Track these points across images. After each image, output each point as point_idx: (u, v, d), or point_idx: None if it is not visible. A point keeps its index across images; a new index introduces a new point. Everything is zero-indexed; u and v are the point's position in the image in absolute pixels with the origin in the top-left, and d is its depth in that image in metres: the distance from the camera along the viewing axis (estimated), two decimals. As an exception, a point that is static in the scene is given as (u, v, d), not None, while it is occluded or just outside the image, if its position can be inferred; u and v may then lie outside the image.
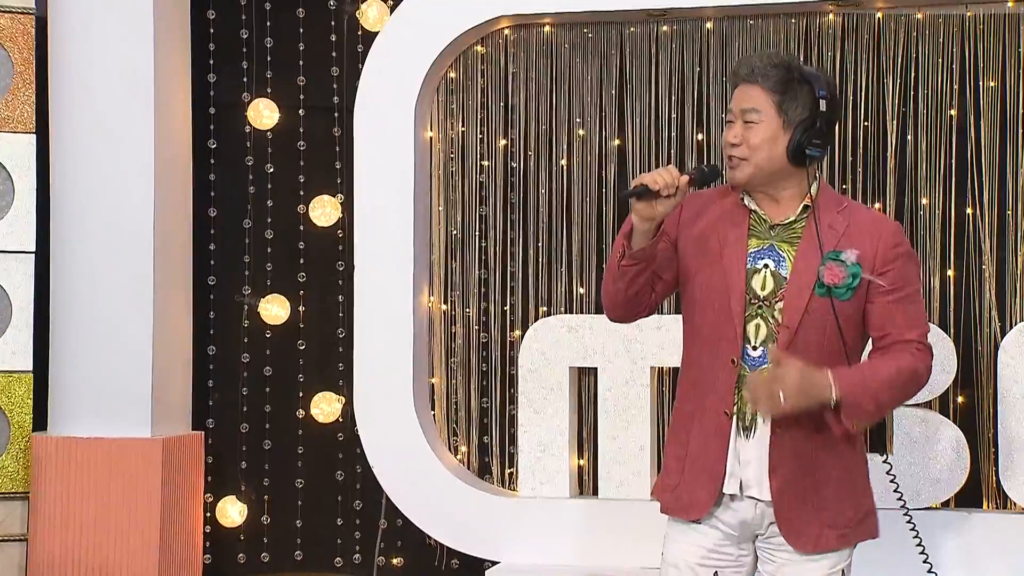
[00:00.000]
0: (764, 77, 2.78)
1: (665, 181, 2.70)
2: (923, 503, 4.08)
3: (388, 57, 4.50)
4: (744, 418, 2.79)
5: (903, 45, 4.27)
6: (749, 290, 2.79)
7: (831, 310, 2.75)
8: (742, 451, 2.79)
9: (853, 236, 2.78)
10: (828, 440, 2.77)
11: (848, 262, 2.74)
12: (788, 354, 2.70)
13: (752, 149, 2.78)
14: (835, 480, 2.80)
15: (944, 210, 4.25)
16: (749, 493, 2.79)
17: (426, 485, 4.44)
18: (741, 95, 2.81)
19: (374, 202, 4.50)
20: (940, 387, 4.08)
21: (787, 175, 2.81)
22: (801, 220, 2.81)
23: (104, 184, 4.52)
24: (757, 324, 2.79)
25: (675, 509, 2.86)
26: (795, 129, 2.77)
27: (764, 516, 2.81)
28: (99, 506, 4.46)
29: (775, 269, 2.79)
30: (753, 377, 2.75)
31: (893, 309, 2.77)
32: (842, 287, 2.74)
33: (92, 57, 4.52)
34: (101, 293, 4.51)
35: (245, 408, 4.80)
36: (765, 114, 2.77)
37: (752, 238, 2.82)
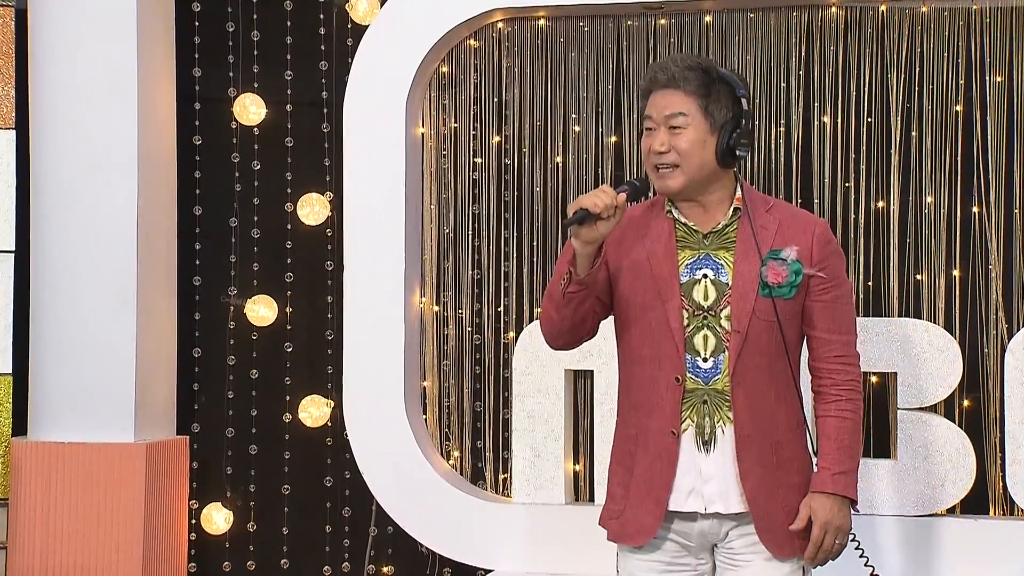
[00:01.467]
0: (685, 81, 2.81)
1: (605, 203, 2.72)
2: (927, 509, 4.08)
3: (378, 51, 4.49)
4: (703, 432, 2.83)
5: (907, 39, 4.28)
6: (691, 302, 2.83)
7: (774, 310, 2.81)
8: (703, 467, 2.84)
9: (786, 234, 2.85)
10: (787, 449, 2.86)
11: (789, 260, 2.81)
12: (806, 514, 2.82)
13: (682, 155, 2.81)
14: (798, 486, 2.87)
15: (950, 209, 4.25)
16: (713, 509, 2.84)
17: (417, 491, 4.44)
18: (662, 101, 2.83)
19: (364, 200, 4.49)
20: (946, 390, 4.09)
21: (715, 179, 2.86)
22: (732, 224, 2.86)
23: (86, 181, 4.51)
24: (705, 335, 2.83)
25: (622, 536, 2.90)
26: (721, 131, 2.82)
27: (723, 525, 2.86)
28: (81, 513, 4.46)
29: (715, 277, 2.84)
30: (812, 553, 2.84)
31: (832, 309, 2.87)
32: (786, 286, 2.81)
33: (74, 51, 4.52)
34: (83, 293, 4.51)
35: (231, 412, 4.79)
36: (692, 118, 2.81)
37: (684, 249, 2.87)
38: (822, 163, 4.31)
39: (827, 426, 2.88)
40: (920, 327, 4.11)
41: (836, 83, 4.31)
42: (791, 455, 2.86)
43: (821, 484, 2.84)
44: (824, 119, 4.32)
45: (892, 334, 4.09)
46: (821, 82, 4.32)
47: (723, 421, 2.82)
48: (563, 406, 4.34)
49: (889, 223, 4.28)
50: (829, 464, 2.84)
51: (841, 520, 2.83)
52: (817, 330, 2.88)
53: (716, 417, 2.83)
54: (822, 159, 4.31)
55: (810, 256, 2.84)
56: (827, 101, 4.31)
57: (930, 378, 4.08)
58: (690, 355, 2.83)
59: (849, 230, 4.28)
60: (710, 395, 2.83)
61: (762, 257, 2.82)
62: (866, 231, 4.28)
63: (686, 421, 2.83)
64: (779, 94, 4.34)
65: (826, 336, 2.88)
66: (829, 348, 2.89)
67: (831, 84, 4.31)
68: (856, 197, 4.29)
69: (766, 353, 2.82)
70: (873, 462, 4.11)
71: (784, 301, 2.82)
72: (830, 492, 2.83)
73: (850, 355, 2.91)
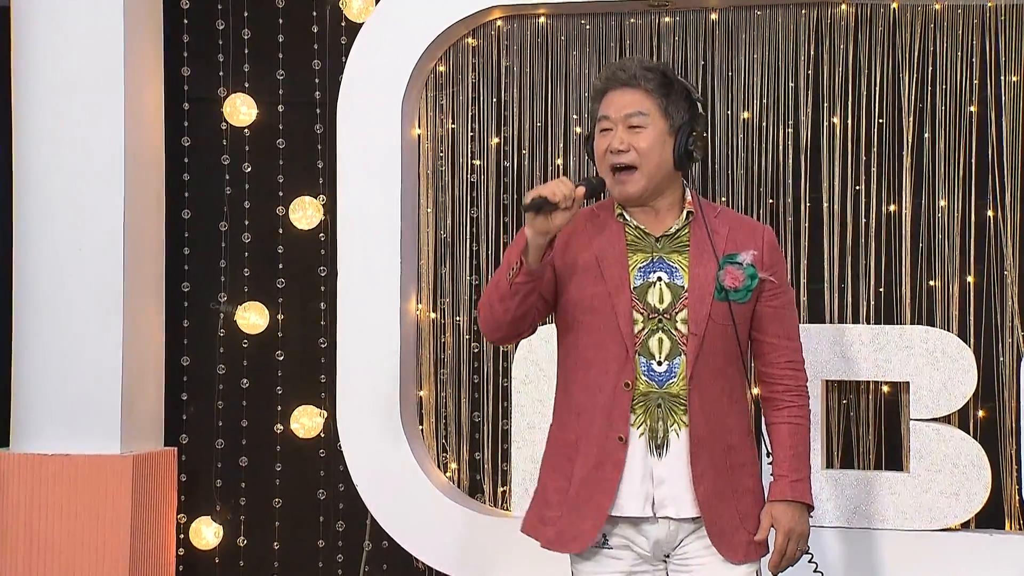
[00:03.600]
0: (645, 80, 2.88)
1: (563, 193, 2.76)
2: (941, 524, 4.07)
3: (373, 50, 4.49)
4: (656, 436, 2.87)
5: (920, 38, 4.27)
6: (646, 305, 2.88)
7: (729, 314, 2.87)
8: (655, 471, 2.88)
9: (737, 239, 2.93)
10: (739, 453, 2.93)
11: (745, 264, 2.89)
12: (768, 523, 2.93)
13: (641, 154, 2.87)
14: (750, 490, 2.95)
15: (963, 213, 4.24)
16: (664, 513, 2.88)
17: (413, 504, 4.43)
18: (620, 100, 2.89)
19: (358, 203, 4.49)
20: (959, 400, 4.08)
21: (669, 183, 2.93)
22: (685, 228, 2.93)
23: (71, 184, 4.51)
24: (660, 338, 2.88)
25: (557, 543, 2.93)
26: (679, 132, 2.89)
27: (678, 532, 2.90)
28: (66, 527, 4.45)
29: (670, 280, 2.90)
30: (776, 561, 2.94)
31: (781, 315, 2.98)
32: (742, 289, 2.89)
33: (58, 49, 4.51)
34: (67, 300, 4.50)
35: (221, 423, 4.79)
36: (651, 117, 2.87)
37: (637, 252, 2.92)
38: (831, 165, 4.31)
39: (780, 433, 2.98)
40: (933, 335, 4.10)
41: (846, 83, 4.31)
42: (744, 459, 2.94)
43: (780, 492, 2.94)
44: (834, 120, 4.31)
45: (904, 342, 4.09)
46: (831, 82, 4.32)
47: (677, 425, 2.87)
48: (564, 416, 4.33)
49: (901, 227, 4.27)
50: (786, 471, 2.95)
51: (802, 526, 2.94)
52: (767, 335, 2.97)
53: (670, 421, 2.87)
54: (831, 161, 4.31)
55: (762, 261, 2.92)
56: (837, 101, 4.31)
57: (943, 388, 4.07)
58: (644, 358, 2.87)
59: (860, 234, 4.28)
60: (664, 398, 2.87)
61: (718, 261, 2.88)
62: (877, 236, 4.28)
63: (641, 425, 2.87)
64: (787, 94, 4.35)
65: (775, 341, 2.97)
66: (780, 353, 2.98)
67: (841, 84, 4.31)
68: (867, 200, 4.29)
69: (720, 356, 2.89)
70: (885, 475, 4.11)
71: (739, 305, 2.90)
72: (790, 499, 2.93)
73: (798, 360, 3.02)
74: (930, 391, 4.07)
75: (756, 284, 2.90)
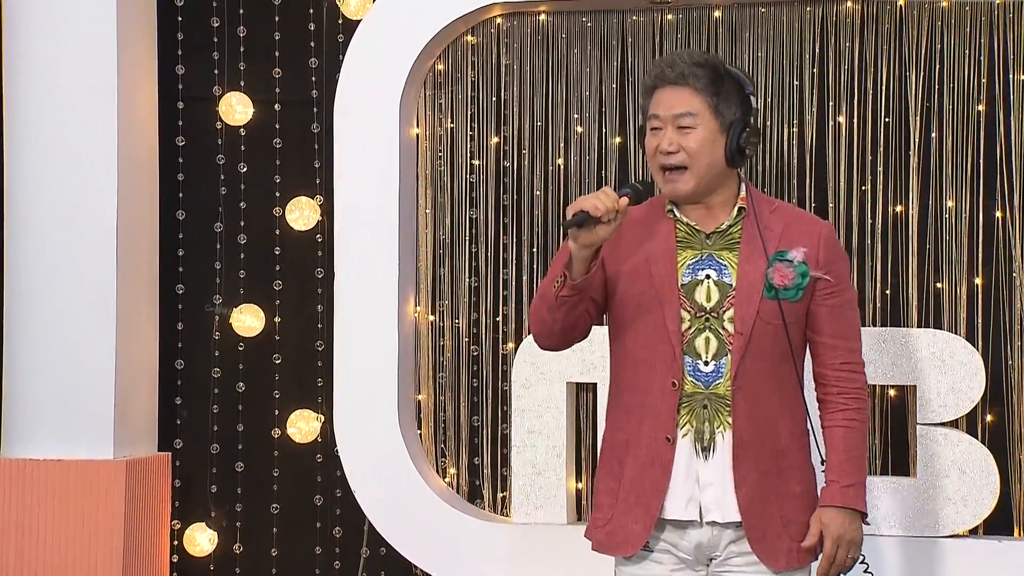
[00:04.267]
0: (694, 78, 2.85)
1: (606, 206, 2.74)
2: (949, 530, 4.07)
3: (371, 47, 4.49)
4: (702, 438, 2.85)
5: (927, 35, 4.27)
6: (693, 303, 2.86)
7: (779, 313, 2.83)
8: (701, 473, 2.86)
9: (792, 236, 2.89)
10: (789, 457, 2.89)
11: (795, 261, 2.85)
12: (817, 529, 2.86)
13: (692, 155, 2.84)
14: (797, 496, 2.90)
15: (971, 213, 4.24)
16: (710, 518, 2.85)
17: (412, 510, 4.43)
18: (670, 99, 2.86)
19: (356, 204, 4.49)
20: (967, 404, 4.08)
21: (722, 179, 2.90)
22: (737, 225, 2.90)
23: (63, 185, 4.50)
24: (706, 337, 2.86)
25: (608, 546, 2.93)
26: (730, 129, 2.86)
27: (721, 538, 2.87)
28: (57, 534, 4.44)
29: (718, 278, 2.87)
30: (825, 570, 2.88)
31: (838, 314, 2.90)
32: (792, 288, 2.85)
33: (50, 47, 4.50)
34: (59, 302, 4.49)
35: (216, 427, 4.78)
36: (701, 117, 2.84)
37: (686, 249, 2.90)
38: (837, 165, 4.31)
39: (834, 437, 2.92)
40: (941, 338, 4.10)
41: (852, 81, 4.30)
42: (792, 463, 2.89)
43: (831, 498, 2.87)
44: (839, 119, 4.31)
45: (911, 345, 4.08)
46: (836, 80, 4.31)
47: (723, 426, 2.84)
48: (565, 421, 4.34)
49: (908, 228, 4.26)
50: (838, 476, 2.88)
51: (853, 533, 2.86)
52: (823, 335, 2.91)
53: (716, 422, 2.85)
54: (837, 161, 4.31)
55: (816, 258, 2.87)
56: (842, 100, 4.31)
57: (951, 392, 4.07)
58: (690, 358, 2.85)
59: (866, 235, 4.28)
60: (710, 399, 2.85)
61: (768, 258, 2.85)
62: (883, 237, 4.28)
63: (685, 426, 2.85)
64: (792, 93, 4.34)
65: (832, 342, 2.91)
66: (835, 354, 2.92)
67: (847, 82, 4.30)
68: (873, 201, 4.28)
69: (769, 357, 2.85)
70: (891, 480, 4.11)
71: (790, 304, 2.85)
72: (840, 505, 2.86)
73: (856, 362, 2.94)
74: (937, 395, 4.07)
75: (807, 282, 2.85)
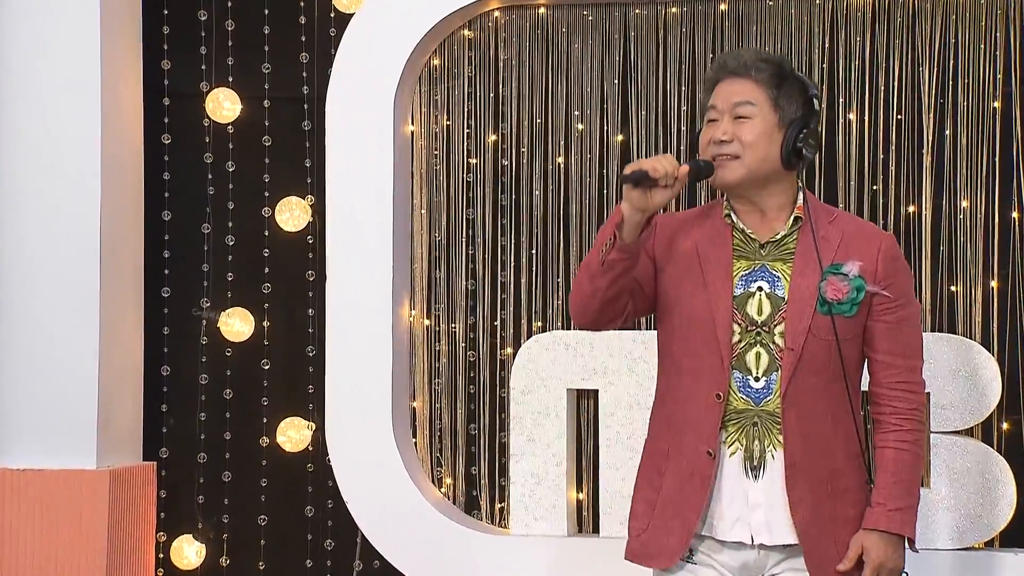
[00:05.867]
0: (757, 70, 2.86)
1: (666, 169, 2.74)
2: (964, 542, 4.07)
3: (364, 42, 4.49)
4: (752, 457, 2.84)
5: (940, 29, 4.27)
6: (744, 316, 2.85)
7: (832, 328, 2.81)
8: (750, 494, 2.85)
9: (850, 248, 2.87)
10: (843, 479, 2.87)
11: (851, 275, 2.82)
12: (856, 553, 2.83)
13: (746, 146, 2.84)
14: (852, 519, 2.87)
15: (987, 214, 4.24)
16: (760, 540, 2.85)
17: (406, 521, 4.42)
18: (729, 89, 2.87)
19: (348, 204, 4.49)
20: (984, 412, 4.08)
21: (776, 180, 2.88)
22: (792, 235, 2.89)
23: (45, 184, 4.50)
24: (757, 352, 2.85)
25: (642, 556, 2.92)
26: (789, 127, 2.85)
27: (769, 559, 2.87)
28: (39, 546, 4.43)
29: (771, 291, 2.86)
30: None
31: (896, 331, 2.87)
32: (846, 302, 2.82)
33: (30, 41, 4.50)
34: (41, 306, 4.49)
35: (203, 436, 4.78)
36: (760, 108, 2.84)
37: (740, 259, 2.89)
38: (847, 164, 4.31)
39: (884, 458, 2.89)
40: (955, 343, 4.10)
41: (863, 77, 4.30)
42: (847, 486, 2.88)
43: (875, 521, 2.85)
44: (850, 116, 4.31)
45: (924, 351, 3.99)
46: (846, 76, 4.31)
47: (773, 445, 2.83)
48: (565, 429, 4.33)
49: (921, 229, 4.27)
50: (884, 499, 2.86)
51: (896, 562, 2.84)
52: (879, 352, 2.89)
53: (767, 441, 2.84)
54: (847, 159, 4.31)
55: (875, 272, 2.85)
56: (853, 97, 4.31)
57: (966, 399, 4.07)
58: (741, 373, 2.84)
59: None
60: (761, 417, 2.84)
61: (823, 271, 2.83)
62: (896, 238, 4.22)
63: (734, 444, 2.84)
64: None
65: (888, 360, 2.89)
66: (891, 373, 2.89)
67: (857, 78, 4.30)
68: (885, 201, 4.29)
69: (823, 374, 2.83)
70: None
71: (844, 319, 2.83)
72: (883, 530, 2.84)
73: (914, 381, 2.92)
74: (952, 402, 4.07)
75: (863, 297, 2.82)
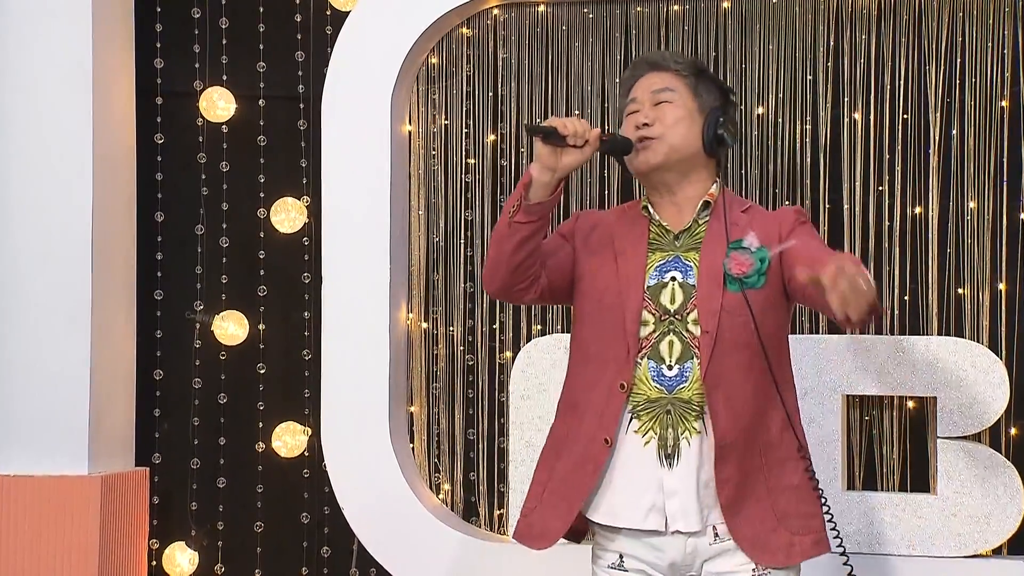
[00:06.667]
0: (676, 63, 2.96)
1: (575, 129, 2.77)
2: (971, 550, 4.05)
3: (361, 40, 4.50)
4: (666, 445, 2.85)
5: (947, 27, 4.27)
6: (658, 306, 2.88)
7: (746, 304, 2.82)
8: (666, 481, 2.85)
9: (756, 229, 2.89)
10: (777, 449, 2.88)
11: (752, 247, 2.83)
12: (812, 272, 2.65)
13: (667, 127, 2.90)
14: (793, 487, 2.89)
15: (995, 215, 4.24)
16: (675, 527, 2.85)
17: (404, 528, 4.42)
18: (649, 81, 2.96)
19: (345, 205, 4.49)
20: (991, 417, 4.06)
21: (696, 168, 2.93)
22: (702, 222, 2.93)
23: (35, 185, 4.51)
24: (670, 341, 2.87)
25: (525, 537, 2.97)
26: (709, 114, 2.93)
27: (696, 554, 2.87)
28: (29, 553, 4.44)
29: (683, 280, 2.89)
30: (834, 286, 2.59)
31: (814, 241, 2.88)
32: (752, 274, 2.83)
33: (22, 40, 4.51)
34: (31, 309, 4.50)
35: (196, 441, 4.79)
36: (679, 94, 2.92)
37: (656, 251, 2.93)
38: (852, 165, 4.31)
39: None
40: (962, 347, 4.08)
41: (868, 76, 4.30)
42: (784, 455, 2.89)
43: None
44: (855, 116, 4.31)
45: (931, 355, 4.07)
46: (852, 75, 4.31)
47: (688, 432, 2.84)
48: (566, 434, 4.29)
49: (927, 231, 4.26)
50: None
51: (854, 262, 2.56)
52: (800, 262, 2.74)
53: (680, 428, 2.84)
54: (852, 160, 4.30)
55: (779, 236, 2.87)
56: (858, 96, 4.31)
57: (973, 403, 4.05)
58: (655, 362, 2.87)
59: (883, 238, 4.28)
60: (674, 404, 2.85)
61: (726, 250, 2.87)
62: (902, 240, 4.28)
63: (648, 433, 2.85)
64: (805, 88, 4.34)
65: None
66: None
67: (863, 77, 4.30)
68: (891, 202, 4.29)
69: (745, 352, 2.84)
70: (909, 497, 4.10)
71: (756, 292, 2.84)
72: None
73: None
74: (958, 407, 4.05)
75: (767, 266, 2.82)
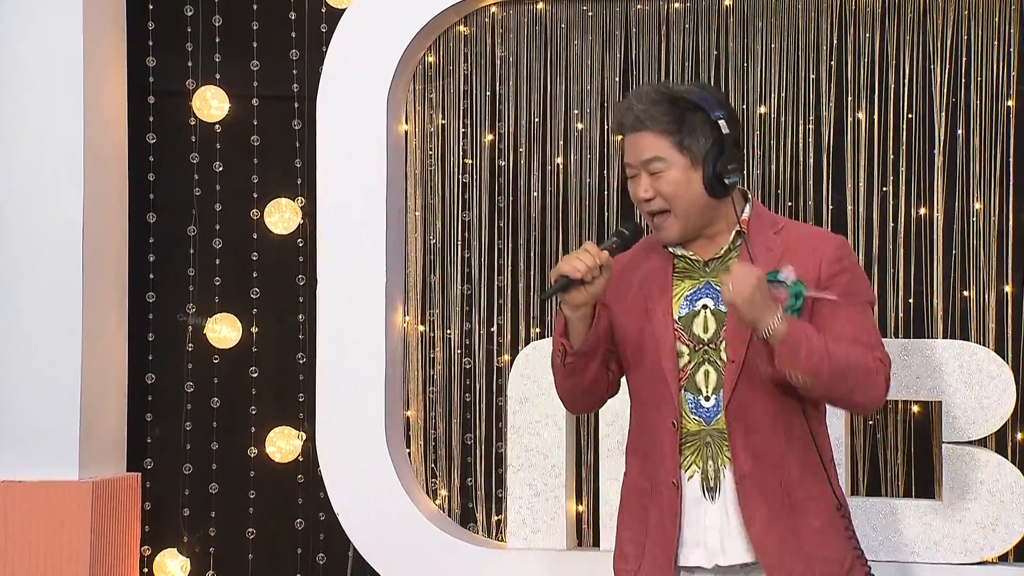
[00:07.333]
0: (652, 120, 2.83)
1: (586, 266, 2.74)
2: (976, 556, 4.04)
3: (356, 38, 4.49)
4: (708, 478, 2.84)
5: (953, 25, 4.27)
6: (691, 336, 2.86)
7: None
8: (707, 516, 2.85)
9: (792, 257, 2.83)
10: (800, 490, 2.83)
11: (788, 281, 2.78)
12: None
13: (668, 198, 2.84)
14: (817, 531, 2.84)
15: (1000, 216, 4.24)
16: (714, 562, 2.84)
17: (400, 535, 4.41)
18: (633, 145, 2.87)
19: (340, 206, 4.48)
20: (996, 421, 4.06)
21: (712, 210, 2.87)
22: (734, 248, 2.89)
23: (25, 185, 4.50)
24: (706, 371, 2.85)
25: None
26: (704, 162, 2.83)
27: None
28: (18, 560, 4.43)
29: (715, 307, 2.85)
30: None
31: (844, 314, 2.79)
32: (786, 309, 2.76)
33: (12, 38, 4.50)
34: (21, 311, 4.49)
35: (189, 446, 4.78)
36: (668, 159, 2.83)
37: (684, 280, 2.89)
38: (856, 165, 4.31)
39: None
40: (967, 350, 4.07)
41: (872, 75, 4.30)
42: (807, 496, 2.84)
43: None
44: (859, 115, 4.31)
45: (936, 358, 4.05)
46: (855, 74, 4.31)
47: (724, 463, 2.83)
48: (564, 439, 4.31)
49: (932, 232, 4.26)
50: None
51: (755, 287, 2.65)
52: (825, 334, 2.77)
53: (719, 460, 2.83)
54: (856, 160, 4.31)
55: (817, 277, 2.81)
56: (862, 95, 4.31)
57: (979, 408, 4.04)
58: (692, 394, 2.85)
59: (887, 240, 4.28)
60: (712, 436, 2.84)
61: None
62: (906, 241, 4.28)
63: (691, 468, 2.84)
64: (808, 87, 4.34)
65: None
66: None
67: (866, 76, 4.30)
68: (895, 203, 4.29)
69: (769, 385, 2.80)
70: (915, 503, 4.09)
71: None
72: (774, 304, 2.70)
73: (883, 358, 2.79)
74: (964, 411, 4.04)
75: (802, 303, 2.76)
